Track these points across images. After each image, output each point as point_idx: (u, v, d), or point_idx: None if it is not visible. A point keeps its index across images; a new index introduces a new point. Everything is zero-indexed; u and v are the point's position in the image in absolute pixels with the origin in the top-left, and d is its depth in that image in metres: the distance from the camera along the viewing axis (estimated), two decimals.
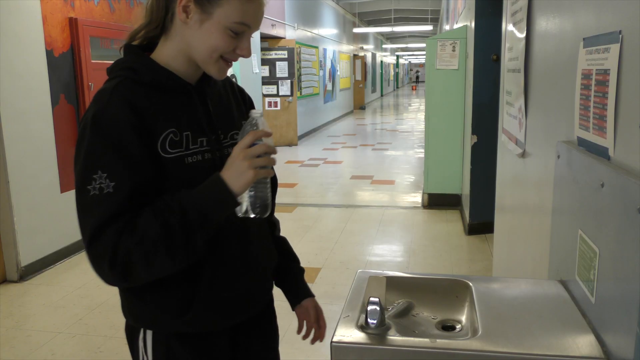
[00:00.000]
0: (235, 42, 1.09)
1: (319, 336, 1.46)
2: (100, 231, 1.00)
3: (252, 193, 1.07)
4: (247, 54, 1.11)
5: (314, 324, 1.44)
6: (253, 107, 1.29)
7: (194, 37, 1.08)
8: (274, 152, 1.06)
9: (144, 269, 1.01)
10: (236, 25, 1.06)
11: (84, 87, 4.35)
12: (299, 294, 1.44)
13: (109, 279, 1.03)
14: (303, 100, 11.61)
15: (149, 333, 1.17)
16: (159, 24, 1.12)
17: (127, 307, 1.19)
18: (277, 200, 1.40)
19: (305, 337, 1.46)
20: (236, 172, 1.02)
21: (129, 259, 0.99)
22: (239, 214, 1.08)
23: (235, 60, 1.13)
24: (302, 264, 1.50)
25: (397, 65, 40.06)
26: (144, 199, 1.02)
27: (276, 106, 10.51)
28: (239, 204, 1.05)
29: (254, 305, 1.28)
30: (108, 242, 0.99)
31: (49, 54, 4.05)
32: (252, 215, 1.09)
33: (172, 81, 1.12)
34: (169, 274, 1.07)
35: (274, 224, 1.43)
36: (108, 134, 1.02)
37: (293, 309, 1.46)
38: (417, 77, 48.20)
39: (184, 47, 1.11)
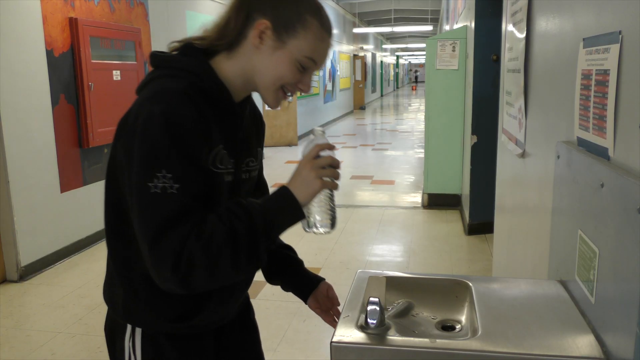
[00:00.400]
0: (300, 76, 1.10)
1: (336, 313, 1.43)
2: (162, 233, 0.95)
3: (318, 207, 1.06)
4: (307, 90, 1.13)
5: (331, 305, 1.42)
6: (264, 135, 1.32)
7: (262, 62, 1.09)
8: (339, 165, 1.07)
9: (207, 275, 0.97)
10: (305, 60, 1.08)
11: (84, 87, 4.35)
12: (306, 285, 1.42)
13: (168, 283, 0.98)
14: (303, 100, 11.61)
15: (138, 332, 1.14)
16: (228, 41, 1.10)
17: (121, 304, 1.16)
18: None
19: (329, 319, 1.43)
20: (303, 183, 1.03)
21: (192, 263, 0.95)
22: (306, 229, 1.07)
23: (293, 93, 1.14)
24: None
25: (397, 65, 40.07)
26: (203, 204, 1.01)
27: None
28: (304, 215, 1.04)
29: (239, 304, 1.31)
30: (172, 244, 0.95)
31: (49, 53, 4.05)
32: (321, 230, 1.07)
33: (227, 99, 1.12)
34: None
35: None
36: (178, 133, 0.98)
37: (307, 298, 1.42)
38: (416, 78, 48.12)
39: (248, 69, 1.10)
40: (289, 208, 1.02)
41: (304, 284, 1.41)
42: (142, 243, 0.98)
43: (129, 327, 1.15)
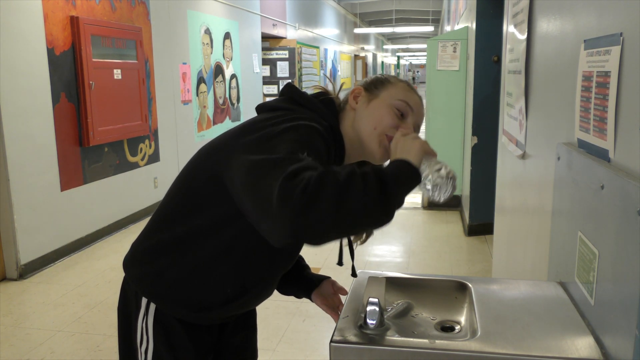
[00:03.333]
0: (399, 122, 1.16)
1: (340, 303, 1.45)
2: (300, 171, 0.90)
3: (432, 175, 1.01)
4: (410, 133, 1.13)
5: (339, 295, 1.45)
6: None
7: (361, 115, 1.19)
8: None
9: (335, 202, 0.87)
10: (400, 103, 1.17)
11: (84, 86, 4.35)
12: (313, 282, 1.46)
13: (290, 209, 0.86)
14: None
15: (151, 314, 1.20)
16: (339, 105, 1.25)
17: (148, 281, 1.21)
18: None
19: (335, 311, 1.44)
20: (404, 148, 1.04)
21: (322, 183, 0.87)
22: (430, 195, 1.03)
23: None
24: None
25: (397, 65, 40.04)
26: None
27: None
28: (419, 174, 1.00)
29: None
30: (305, 175, 0.89)
31: (50, 52, 4.05)
32: (443, 195, 1.03)
33: (339, 161, 1.20)
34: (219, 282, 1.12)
35: None
36: (322, 142, 1.06)
37: (311, 295, 1.45)
38: (414, 79, 47.88)
39: (350, 131, 1.20)
40: (406, 169, 0.99)
41: (305, 284, 1.45)
42: (277, 180, 0.89)
43: (142, 307, 1.21)
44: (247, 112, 8.11)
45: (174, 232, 1.18)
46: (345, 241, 1.31)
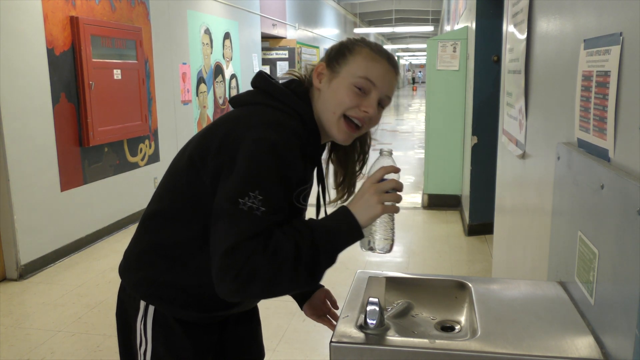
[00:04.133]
0: (360, 99, 1.13)
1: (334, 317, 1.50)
2: (238, 246, 0.99)
3: (378, 229, 1.09)
4: (372, 112, 1.13)
5: (332, 308, 1.50)
6: None
7: (323, 98, 1.16)
8: (401, 188, 1.08)
9: (264, 286, 1.00)
10: (360, 80, 1.12)
11: (84, 86, 4.35)
12: (304, 293, 1.49)
13: (224, 288, 1.01)
14: None
15: (150, 316, 1.20)
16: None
17: (145, 283, 1.20)
18: None
19: (327, 322, 1.49)
20: (365, 205, 1.05)
21: (254, 274, 0.99)
22: (364, 249, 1.11)
23: (360, 118, 1.14)
24: None
25: None
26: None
27: None
28: (363, 236, 1.07)
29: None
30: (241, 256, 0.99)
31: (50, 52, 4.05)
32: (378, 252, 1.10)
33: (316, 152, 1.20)
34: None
35: None
36: (283, 165, 1.04)
37: (303, 305, 1.48)
38: (414, 79, 47.70)
39: (318, 113, 1.17)
40: (349, 229, 1.04)
41: (298, 295, 1.48)
42: (216, 247, 1.02)
43: (141, 310, 1.21)
44: None
45: (164, 235, 1.18)
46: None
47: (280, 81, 1.21)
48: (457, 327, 1.11)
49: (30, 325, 3.16)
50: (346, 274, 3.92)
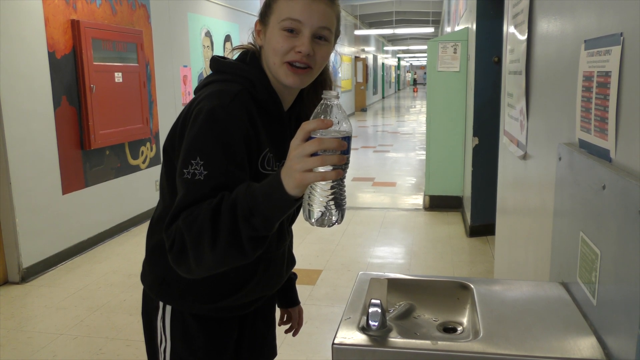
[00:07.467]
0: (292, 40, 1.12)
1: (297, 332, 1.65)
2: (175, 217, 1.02)
3: (313, 198, 0.91)
4: (305, 49, 1.10)
5: (298, 325, 1.64)
6: None
7: (265, 52, 1.17)
8: (338, 146, 0.87)
9: (193, 256, 0.99)
10: (286, 22, 1.11)
11: (85, 89, 4.36)
12: (293, 301, 1.60)
13: (173, 264, 1.04)
14: None
15: (168, 313, 1.23)
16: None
17: (156, 282, 1.26)
18: None
19: (287, 332, 1.64)
20: (286, 172, 0.91)
21: (181, 244, 0.99)
22: (308, 220, 0.93)
23: (300, 61, 1.12)
24: (304, 266, 1.58)
25: (398, 67, 40.05)
26: None
27: None
28: (292, 204, 0.93)
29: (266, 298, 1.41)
30: (175, 227, 1.01)
31: (51, 55, 4.06)
32: (315, 224, 0.92)
33: (277, 109, 1.19)
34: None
35: None
36: (221, 130, 1.05)
37: (281, 307, 1.60)
38: (415, 80, 47.60)
39: (269, 70, 1.17)
40: (275, 197, 0.93)
41: (288, 298, 1.58)
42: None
43: (160, 308, 1.25)
44: None
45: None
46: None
47: (234, 57, 1.24)
48: (460, 329, 1.11)
49: (32, 328, 3.16)
50: (348, 275, 3.93)
